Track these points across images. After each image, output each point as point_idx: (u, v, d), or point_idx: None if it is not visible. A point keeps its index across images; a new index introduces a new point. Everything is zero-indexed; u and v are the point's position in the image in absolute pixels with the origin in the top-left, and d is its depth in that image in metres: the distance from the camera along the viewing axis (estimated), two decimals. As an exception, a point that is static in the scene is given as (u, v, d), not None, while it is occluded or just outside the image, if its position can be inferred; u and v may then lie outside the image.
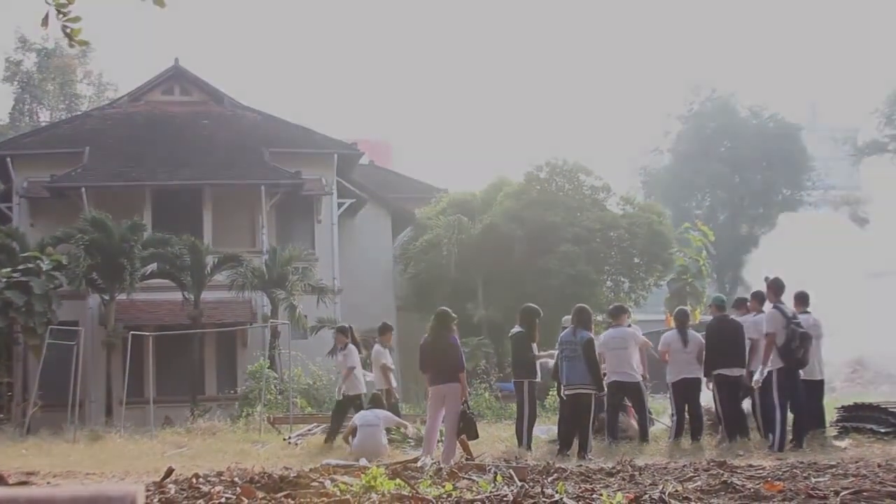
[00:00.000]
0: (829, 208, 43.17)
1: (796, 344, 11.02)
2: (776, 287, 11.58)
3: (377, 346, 14.94)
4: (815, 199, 43.54)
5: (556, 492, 5.60)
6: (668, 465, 8.63)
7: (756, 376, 11.59)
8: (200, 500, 5.70)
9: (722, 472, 7.27)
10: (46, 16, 4.65)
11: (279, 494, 5.78)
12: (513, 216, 25.98)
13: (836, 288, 14.54)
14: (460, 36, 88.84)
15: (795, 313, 11.45)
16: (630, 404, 12.90)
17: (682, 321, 12.91)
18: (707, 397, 12.57)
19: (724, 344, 12.07)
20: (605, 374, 12.37)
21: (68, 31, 4.68)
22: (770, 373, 11.18)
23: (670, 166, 44.47)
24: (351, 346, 14.17)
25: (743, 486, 6.09)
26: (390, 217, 28.73)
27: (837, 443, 11.41)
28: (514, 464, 8.21)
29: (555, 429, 12.71)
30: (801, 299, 12.03)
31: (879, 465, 7.85)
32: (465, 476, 6.80)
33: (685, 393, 12.47)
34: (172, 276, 22.79)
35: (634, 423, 13.01)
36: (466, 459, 10.18)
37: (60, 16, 4.65)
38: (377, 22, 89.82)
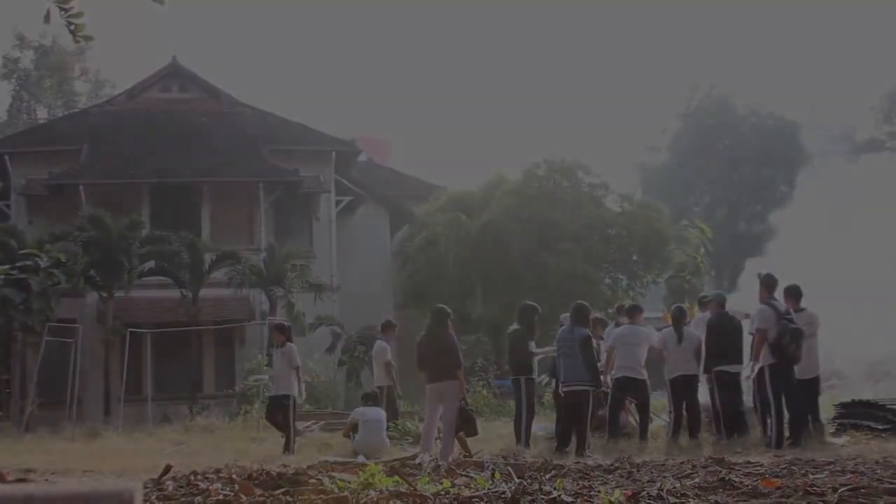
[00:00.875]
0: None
1: (787, 340, 11.01)
2: (768, 283, 11.58)
3: (381, 342, 14.85)
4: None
5: (555, 489, 5.60)
6: (667, 461, 8.64)
7: (746, 372, 11.58)
8: (198, 498, 5.70)
9: (720, 468, 7.28)
10: (48, 12, 4.65)
11: (277, 491, 5.78)
12: (511, 214, 25.98)
13: (855, 285, 14.39)
14: (459, 33, 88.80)
15: (788, 309, 11.44)
16: (632, 401, 12.91)
17: (677, 318, 12.91)
18: (705, 394, 12.56)
19: (724, 340, 12.07)
20: (612, 370, 12.38)
21: (72, 27, 4.68)
22: (762, 369, 11.19)
23: (668, 164, 44.37)
24: (290, 345, 13.33)
25: (741, 482, 6.10)
26: (389, 214, 28.70)
27: (835, 440, 11.42)
28: (512, 461, 8.22)
29: (553, 426, 12.71)
30: (792, 294, 11.78)
31: (877, 462, 7.87)
32: (463, 473, 6.82)
33: (683, 390, 12.47)
34: (170, 273, 22.78)
35: (632, 420, 13.02)
36: (464, 456, 10.20)
37: (62, 12, 4.65)
38: (376, 19, 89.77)
